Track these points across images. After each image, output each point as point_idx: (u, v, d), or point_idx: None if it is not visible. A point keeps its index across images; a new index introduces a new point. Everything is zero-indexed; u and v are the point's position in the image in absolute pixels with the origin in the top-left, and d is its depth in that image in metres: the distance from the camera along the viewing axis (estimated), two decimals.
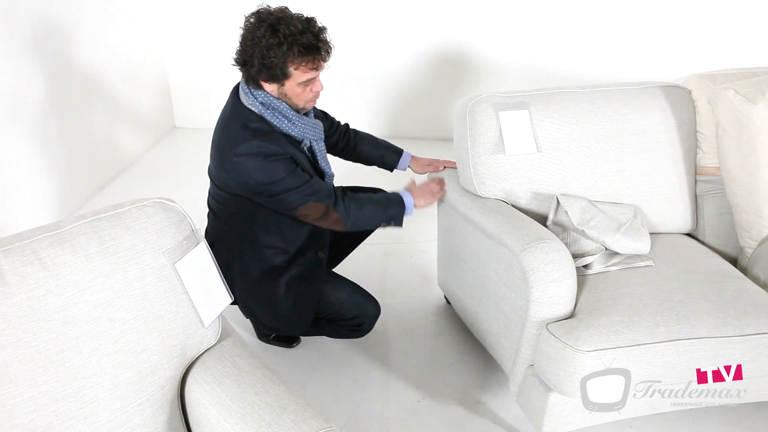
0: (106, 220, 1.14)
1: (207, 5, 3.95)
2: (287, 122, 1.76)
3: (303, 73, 1.68)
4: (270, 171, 1.71)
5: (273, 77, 1.69)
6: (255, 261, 1.91)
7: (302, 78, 1.69)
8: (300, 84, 1.71)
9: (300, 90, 1.72)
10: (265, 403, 1.16)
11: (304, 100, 1.76)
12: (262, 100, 1.74)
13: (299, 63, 1.66)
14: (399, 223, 1.93)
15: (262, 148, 1.70)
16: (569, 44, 3.84)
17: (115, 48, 3.56)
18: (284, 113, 1.75)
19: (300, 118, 1.78)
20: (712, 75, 2.06)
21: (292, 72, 1.68)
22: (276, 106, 1.74)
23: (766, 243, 1.86)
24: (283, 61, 1.64)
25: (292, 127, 1.77)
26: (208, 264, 1.28)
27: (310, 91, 1.75)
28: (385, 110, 4.16)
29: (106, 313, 1.10)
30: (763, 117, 1.79)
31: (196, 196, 2.59)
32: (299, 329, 2.06)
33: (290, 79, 1.69)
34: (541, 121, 1.93)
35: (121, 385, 1.13)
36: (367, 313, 1.99)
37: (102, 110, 3.43)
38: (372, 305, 2.01)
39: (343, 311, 1.97)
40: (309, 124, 1.81)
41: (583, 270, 1.81)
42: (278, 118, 1.75)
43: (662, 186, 2.03)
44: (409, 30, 3.89)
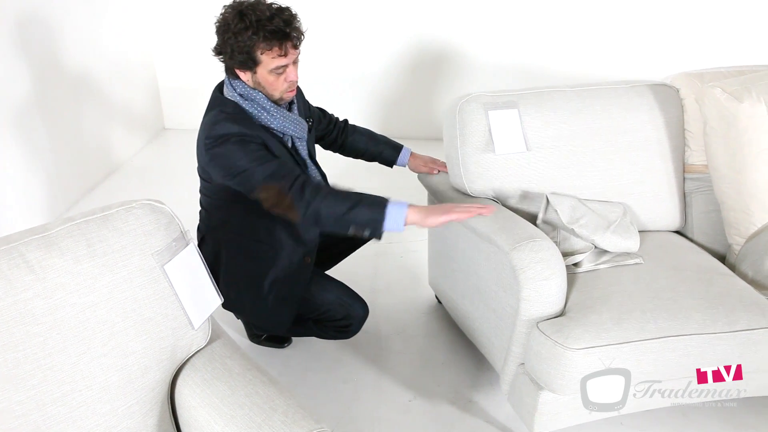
0: (94, 223, 1.14)
1: (196, 5, 3.93)
2: (265, 113, 1.74)
3: (272, 59, 1.66)
4: (236, 151, 1.67)
5: (244, 64, 1.68)
6: (240, 254, 1.90)
7: (272, 65, 1.67)
8: (271, 72, 1.69)
9: (272, 78, 1.70)
10: (256, 404, 1.15)
11: (279, 90, 1.73)
12: (240, 91, 1.74)
13: (265, 48, 1.64)
14: (375, 234, 1.62)
15: (231, 129, 1.67)
16: (558, 43, 3.85)
17: (104, 48, 3.54)
18: (261, 104, 1.74)
19: (278, 110, 1.76)
20: (699, 73, 2.07)
21: (261, 58, 1.66)
22: (253, 97, 1.73)
23: (754, 240, 1.88)
24: (250, 46, 1.64)
25: (270, 119, 1.75)
26: (197, 265, 1.27)
27: (284, 81, 1.72)
28: (375, 110, 4.16)
29: (94, 316, 1.09)
30: (750, 115, 1.81)
31: (186, 197, 2.58)
32: (279, 328, 2.05)
33: (260, 66, 1.68)
34: (531, 120, 1.94)
35: (111, 388, 1.12)
36: (354, 314, 1.97)
37: (91, 111, 3.41)
38: (359, 307, 1.98)
39: (331, 312, 1.95)
40: (289, 118, 1.79)
41: (573, 268, 1.82)
42: (256, 109, 1.74)
43: (651, 184, 2.04)
44: (399, 30, 3.90)
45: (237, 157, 1.67)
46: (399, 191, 3.01)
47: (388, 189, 3.14)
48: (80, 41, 3.27)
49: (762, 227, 1.86)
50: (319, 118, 2.13)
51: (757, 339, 1.61)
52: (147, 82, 4.10)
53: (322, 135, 2.17)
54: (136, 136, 3.98)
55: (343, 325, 1.99)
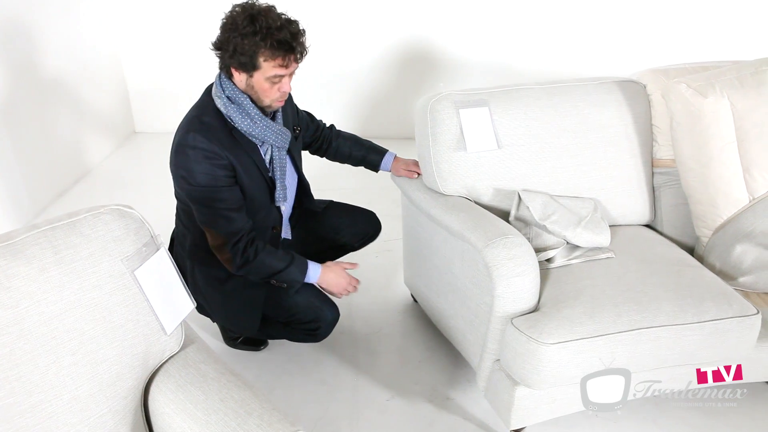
0: (61, 229, 1.11)
1: (165, 8, 3.88)
2: (248, 120, 1.75)
3: (272, 68, 1.68)
4: (199, 171, 1.70)
5: (243, 65, 1.68)
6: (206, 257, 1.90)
7: (271, 72, 1.68)
8: (268, 79, 1.70)
9: (267, 86, 1.71)
10: (231, 409, 1.14)
11: (271, 98, 1.75)
12: (228, 94, 1.74)
13: (269, 56, 1.66)
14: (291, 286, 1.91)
15: (201, 143, 1.69)
16: (528, 41, 3.89)
17: (71, 51, 3.47)
18: (247, 110, 1.74)
19: (262, 118, 1.77)
20: (665, 70, 2.10)
21: (262, 64, 1.67)
22: (240, 101, 1.73)
23: (720, 232, 1.92)
24: (255, 50, 1.65)
25: (252, 126, 1.75)
26: (168, 270, 1.26)
27: (278, 90, 1.73)
28: (350, 110, 4.15)
29: (62, 325, 1.07)
30: (714, 110, 1.84)
31: (157, 201, 2.55)
32: (248, 328, 2.02)
33: (259, 71, 1.68)
34: (501, 117, 1.95)
35: (81, 397, 1.10)
36: (323, 317, 1.94)
37: (58, 115, 3.35)
38: (329, 310, 1.96)
39: (299, 315, 1.93)
40: (272, 128, 1.79)
41: (546, 264, 1.84)
42: (240, 114, 1.74)
43: (620, 179, 2.07)
44: (371, 30, 3.90)
45: (198, 170, 1.70)
46: (373, 192, 3.02)
47: (365, 189, 3.15)
48: (46, 43, 3.21)
49: (728, 219, 1.90)
50: (308, 124, 2.13)
51: (725, 328, 1.65)
52: (116, 86, 4.04)
53: (310, 141, 2.17)
54: (106, 140, 3.92)
55: (312, 328, 1.96)
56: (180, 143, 1.72)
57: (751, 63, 1.97)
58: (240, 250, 1.78)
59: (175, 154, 1.74)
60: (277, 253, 1.84)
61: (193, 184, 1.72)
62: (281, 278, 1.85)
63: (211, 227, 1.78)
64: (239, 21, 1.64)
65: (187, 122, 1.75)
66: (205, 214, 1.77)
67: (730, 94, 1.85)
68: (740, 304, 1.69)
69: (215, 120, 1.74)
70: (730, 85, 1.87)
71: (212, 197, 1.73)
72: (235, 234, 1.77)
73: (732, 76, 1.90)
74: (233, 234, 1.77)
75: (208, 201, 1.74)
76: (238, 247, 1.78)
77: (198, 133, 1.70)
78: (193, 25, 3.85)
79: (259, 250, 1.80)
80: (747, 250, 1.88)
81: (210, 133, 1.71)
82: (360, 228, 2.24)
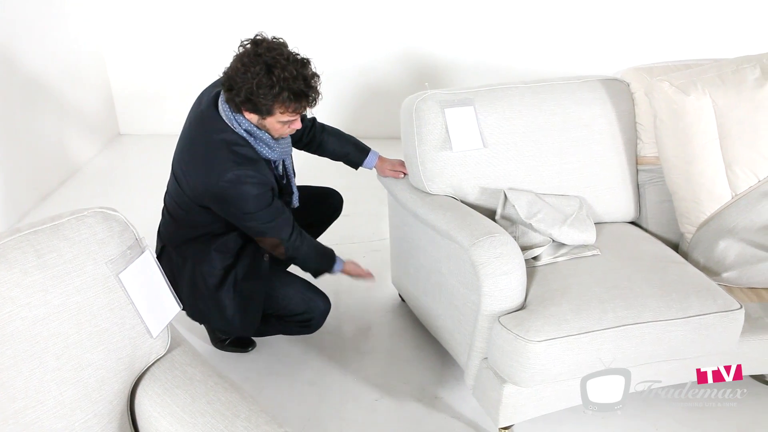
0: (44, 233, 1.10)
1: (148, 8, 3.85)
2: (268, 149, 1.80)
3: (286, 115, 1.71)
4: (252, 201, 1.76)
5: (256, 110, 1.70)
6: (205, 266, 1.91)
7: (284, 118, 1.72)
8: (281, 122, 1.73)
9: (279, 126, 1.75)
10: (218, 411, 1.14)
11: (281, 133, 1.79)
12: (246, 128, 1.76)
13: (285, 107, 1.68)
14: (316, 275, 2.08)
15: (252, 177, 1.74)
16: (512, 41, 3.90)
17: (53, 50, 3.43)
18: (266, 141, 1.79)
19: (279, 145, 1.83)
20: (648, 68, 2.12)
21: (276, 111, 1.70)
22: (259, 135, 1.78)
23: (704, 228, 1.94)
24: (272, 102, 1.67)
25: (271, 153, 1.81)
26: (154, 273, 1.25)
27: (288, 128, 1.78)
28: (336, 111, 4.14)
29: (46, 329, 1.06)
30: (697, 107, 1.86)
31: (142, 204, 2.53)
32: (249, 329, 2.03)
33: (272, 116, 1.71)
34: (487, 116, 1.96)
35: (66, 402, 1.09)
36: (315, 308, 1.99)
37: (41, 117, 3.31)
38: (321, 300, 2.01)
39: (291, 306, 1.96)
40: (284, 148, 1.86)
41: (533, 262, 1.85)
42: (261, 146, 1.79)
43: (605, 177, 2.09)
44: (356, 31, 3.89)
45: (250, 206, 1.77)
46: (359, 191, 3.01)
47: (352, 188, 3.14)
48: (29, 43, 3.18)
49: (711, 216, 1.92)
50: None
51: (709, 323, 1.66)
52: (100, 87, 4.00)
53: (298, 137, 2.17)
54: (90, 142, 3.88)
55: (304, 318, 1.99)
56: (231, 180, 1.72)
57: (731, 61, 1.99)
58: (295, 238, 1.89)
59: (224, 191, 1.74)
60: (316, 245, 2.01)
61: (249, 211, 1.78)
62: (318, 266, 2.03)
63: (265, 236, 1.87)
64: (254, 70, 1.62)
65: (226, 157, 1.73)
66: (258, 230, 1.86)
67: (711, 92, 1.87)
68: (724, 299, 1.71)
69: (248, 150, 1.77)
70: (712, 83, 1.89)
71: (262, 216, 1.80)
72: (288, 234, 1.88)
73: (713, 74, 1.92)
74: (289, 235, 1.88)
75: (259, 219, 1.81)
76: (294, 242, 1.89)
77: (243, 167, 1.73)
78: (179, 24, 3.82)
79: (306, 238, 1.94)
80: (730, 245, 1.90)
81: (254, 165, 1.76)
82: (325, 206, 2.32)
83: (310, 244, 1.97)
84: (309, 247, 1.96)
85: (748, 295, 1.91)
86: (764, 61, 1.97)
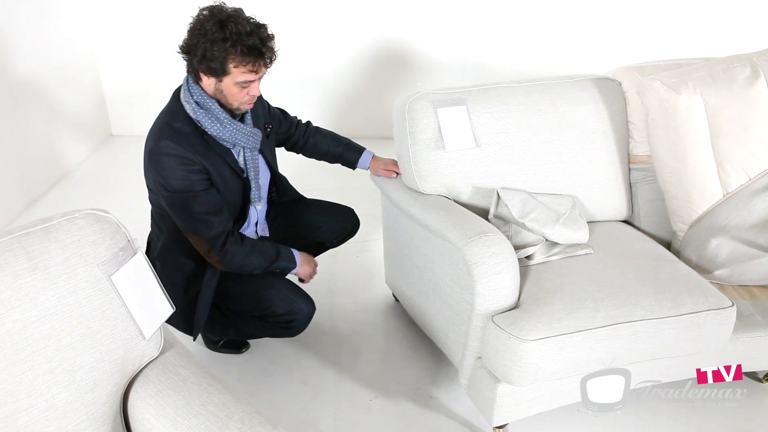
0: (35, 235, 1.10)
1: (141, 6, 3.84)
2: (218, 124, 1.75)
3: (242, 73, 1.68)
4: (171, 175, 1.71)
5: (212, 70, 1.68)
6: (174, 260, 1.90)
7: (240, 78, 1.68)
8: (237, 84, 1.70)
9: (236, 90, 1.71)
10: (211, 413, 1.14)
11: (239, 101, 1.75)
12: (197, 99, 1.73)
13: (239, 62, 1.66)
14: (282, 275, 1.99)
15: (173, 149, 1.69)
16: (504, 40, 3.91)
17: (44, 51, 3.41)
18: (216, 114, 1.74)
19: (232, 122, 1.77)
20: (639, 67, 2.13)
21: (231, 70, 1.67)
22: (209, 106, 1.73)
23: (696, 226, 1.95)
24: (225, 56, 1.64)
25: (223, 130, 1.76)
26: (146, 274, 1.24)
27: (247, 94, 1.74)
28: (326, 111, 4.14)
29: (38, 332, 1.06)
30: (688, 106, 1.87)
31: (135, 205, 2.52)
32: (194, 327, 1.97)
33: (228, 76, 1.68)
34: (479, 116, 1.96)
35: (58, 405, 1.08)
36: (298, 310, 1.93)
37: (32, 118, 3.29)
38: (304, 303, 1.95)
39: (274, 308, 1.91)
40: (242, 131, 1.80)
41: (526, 261, 1.85)
42: (210, 120, 1.74)
43: (598, 176, 2.09)
44: (346, 31, 3.89)
45: (173, 176, 1.70)
46: (353, 191, 3.02)
47: (345, 189, 3.14)
48: (20, 43, 3.16)
49: (703, 214, 1.93)
50: (280, 120, 2.12)
51: (701, 321, 1.67)
52: (91, 88, 3.98)
53: (284, 138, 2.16)
54: (82, 144, 3.87)
55: (286, 320, 1.94)
56: (152, 151, 1.71)
57: (722, 60, 2.00)
58: (227, 251, 1.80)
59: (148, 161, 1.74)
60: (263, 247, 1.88)
61: (169, 190, 1.72)
62: (272, 269, 1.91)
63: (194, 233, 1.78)
64: (208, 26, 1.63)
65: (158, 129, 1.74)
66: (185, 220, 1.77)
67: (702, 91, 1.88)
68: (716, 297, 1.72)
69: (186, 125, 1.74)
70: (703, 81, 1.90)
71: (190, 202, 1.73)
72: (218, 237, 1.78)
73: (704, 73, 1.93)
74: (217, 237, 1.78)
75: (186, 207, 1.74)
76: (226, 248, 1.80)
77: (170, 139, 1.70)
78: (171, 24, 3.80)
79: (246, 244, 1.84)
80: (722, 243, 1.91)
81: (182, 139, 1.71)
82: (338, 225, 2.24)
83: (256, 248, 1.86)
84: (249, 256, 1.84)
85: (740, 292, 1.92)
86: (754, 60, 1.98)
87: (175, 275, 1.91)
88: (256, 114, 1.92)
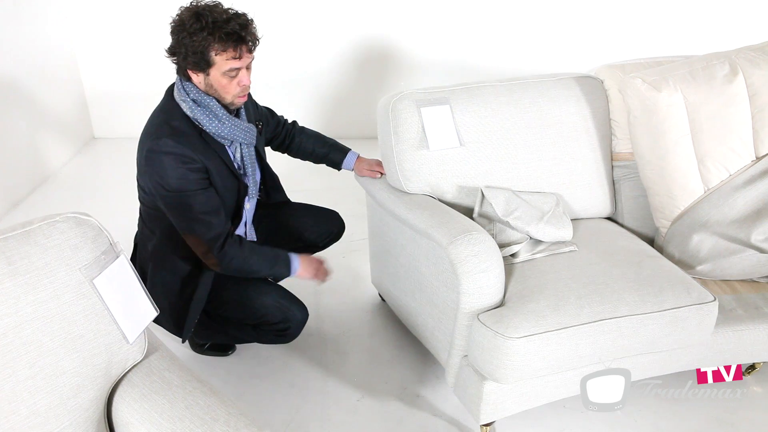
0: (14, 239, 1.08)
1: (123, 6, 3.80)
2: (216, 121, 1.74)
3: (225, 60, 1.67)
4: (171, 174, 1.69)
5: (197, 65, 1.67)
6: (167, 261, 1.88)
7: (225, 67, 1.67)
8: (224, 74, 1.69)
9: (225, 81, 1.70)
10: (196, 416, 1.13)
11: (232, 94, 1.74)
12: (193, 97, 1.73)
13: (219, 49, 1.65)
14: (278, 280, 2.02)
15: (174, 148, 1.68)
16: (487, 39, 3.93)
17: (23, 51, 3.36)
18: (213, 111, 1.74)
19: (230, 118, 1.77)
20: (621, 65, 2.15)
21: (215, 59, 1.66)
22: (206, 103, 1.73)
23: (678, 222, 1.97)
24: (205, 46, 1.64)
25: (221, 126, 1.75)
26: (129, 277, 1.23)
27: (237, 85, 1.73)
28: (311, 111, 4.13)
29: (18, 338, 1.04)
30: (669, 103, 1.89)
31: (118, 208, 2.50)
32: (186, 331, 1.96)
33: (213, 67, 1.68)
34: (463, 115, 1.97)
35: (40, 411, 1.07)
36: (292, 317, 1.93)
37: (12, 120, 3.25)
38: (298, 310, 1.94)
39: (268, 316, 1.91)
40: (240, 126, 1.80)
41: (511, 259, 1.86)
42: (208, 117, 1.73)
43: (581, 173, 2.11)
44: (330, 30, 3.88)
45: (172, 175, 1.69)
46: (338, 192, 3.01)
47: (330, 189, 3.14)
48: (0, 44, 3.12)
49: (685, 210, 1.95)
50: (268, 119, 2.12)
51: (684, 316, 1.69)
52: (73, 89, 3.94)
53: (271, 137, 2.16)
54: (64, 146, 3.82)
55: (281, 328, 1.94)
56: (151, 150, 1.69)
57: (702, 58, 2.02)
58: (226, 252, 1.78)
59: (146, 161, 1.71)
60: (262, 251, 1.87)
61: (168, 190, 1.71)
62: (269, 275, 1.90)
63: (191, 233, 1.76)
64: (186, 20, 1.64)
65: (156, 128, 1.72)
66: (183, 220, 1.75)
67: (683, 88, 1.90)
68: (698, 291, 1.74)
69: (184, 124, 1.73)
70: (683, 79, 1.92)
71: (188, 202, 1.72)
72: (217, 238, 1.77)
73: (684, 71, 1.95)
74: (215, 239, 1.77)
75: (185, 207, 1.72)
76: (225, 250, 1.78)
77: (170, 138, 1.68)
78: (153, 26, 3.78)
79: (245, 248, 1.82)
80: (703, 239, 1.93)
81: (182, 138, 1.70)
82: (324, 227, 2.23)
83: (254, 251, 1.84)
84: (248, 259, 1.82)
85: (722, 287, 1.95)
86: (733, 57, 2.00)
87: (169, 277, 1.89)
88: (248, 111, 1.92)
